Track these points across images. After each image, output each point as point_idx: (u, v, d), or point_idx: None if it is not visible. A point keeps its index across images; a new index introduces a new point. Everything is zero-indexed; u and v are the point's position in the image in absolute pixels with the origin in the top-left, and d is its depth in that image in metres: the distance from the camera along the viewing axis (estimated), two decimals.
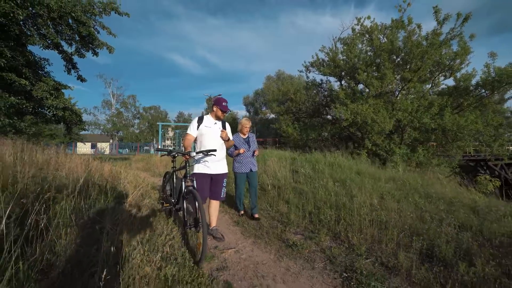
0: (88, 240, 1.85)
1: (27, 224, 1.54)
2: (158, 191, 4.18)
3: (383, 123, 8.96)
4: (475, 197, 3.42)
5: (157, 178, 6.59)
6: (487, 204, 2.89)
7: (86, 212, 2.25)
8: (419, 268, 1.98)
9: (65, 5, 4.36)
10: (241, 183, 3.36)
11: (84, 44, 5.81)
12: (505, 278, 1.78)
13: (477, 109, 11.20)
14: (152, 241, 2.10)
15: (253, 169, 3.32)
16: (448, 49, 10.32)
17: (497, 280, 1.76)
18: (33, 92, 4.48)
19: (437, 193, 3.40)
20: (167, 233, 2.38)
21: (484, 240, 2.19)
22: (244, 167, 3.29)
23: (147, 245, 1.98)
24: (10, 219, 1.40)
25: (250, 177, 3.33)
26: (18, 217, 1.56)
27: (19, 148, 3.01)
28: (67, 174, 2.79)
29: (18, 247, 1.29)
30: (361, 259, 2.20)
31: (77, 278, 1.42)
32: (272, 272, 2.12)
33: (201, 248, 1.98)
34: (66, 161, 3.60)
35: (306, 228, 2.91)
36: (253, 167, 3.32)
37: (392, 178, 4.40)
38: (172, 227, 2.57)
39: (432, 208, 2.95)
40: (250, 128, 3.42)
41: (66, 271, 1.40)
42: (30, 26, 4.63)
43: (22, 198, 1.75)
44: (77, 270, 1.49)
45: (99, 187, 2.88)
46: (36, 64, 5.35)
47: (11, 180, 2.16)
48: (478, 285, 1.73)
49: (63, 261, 1.52)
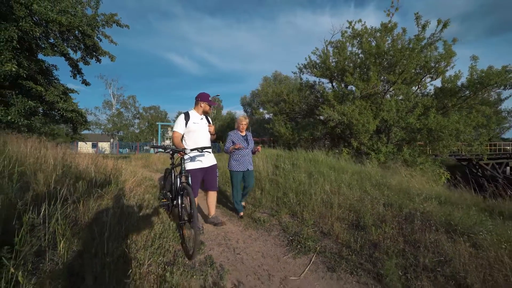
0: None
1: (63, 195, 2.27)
2: (157, 187, 4.86)
3: (368, 123, 9.63)
4: (420, 187, 4.12)
5: (154, 173, 7.30)
6: (419, 192, 3.58)
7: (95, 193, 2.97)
8: (345, 233, 2.69)
9: (74, 21, 5.10)
10: (237, 182, 3.23)
11: (88, 52, 6.58)
12: (401, 236, 2.48)
13: (462, 109, 11.84)
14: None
15: (250, 168, 3.26)
16: (431, 53, 10.96)
17: (395, 237, 2.46)
18: (46, 97, 5.23)
19: (387, 182, 4.11)
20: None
21: (398, 213, 2.90)
22: (241, 165, 3.21)
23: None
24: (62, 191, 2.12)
25: (246, 176, 3.27)
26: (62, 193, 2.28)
27: (41, 145, 3.74)
28: (81, 166, 3.53)
29: (57, 208, 2.00)
30: (307, 229, 2.91)
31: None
32: (237, 237, 2.84)
33: (192, 243, 2.05)
34: (77, 157, 4.34)
35: (272, 209, 3.63)
36: (250, 166, 3.27)
37: (358, 171, 5.10)
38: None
39: (376, 193, 3.65)
40: (247, 126, 3.36)
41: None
42: (43, 39, 5.39)
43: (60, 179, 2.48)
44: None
45: (105, 176, 3.61)
46: (47, 70, 6.12)
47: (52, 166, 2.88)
48: (382, 240, 2.43)
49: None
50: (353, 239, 2.56)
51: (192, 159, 2.73)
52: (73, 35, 5.88)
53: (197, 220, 2.12)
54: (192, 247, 2.07)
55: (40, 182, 2.49)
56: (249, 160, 3.28)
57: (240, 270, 2.15)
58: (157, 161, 9.76)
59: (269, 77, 31.43)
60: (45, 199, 1.96)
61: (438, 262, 2.02)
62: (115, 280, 1.55)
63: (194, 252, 2.01)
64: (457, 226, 2.33)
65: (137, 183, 3.87)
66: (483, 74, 10.78)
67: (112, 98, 34.30)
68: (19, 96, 4.66)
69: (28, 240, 1.50)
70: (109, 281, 1.51)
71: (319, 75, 13.41)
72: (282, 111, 15.26)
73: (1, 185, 1.97)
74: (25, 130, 5.49)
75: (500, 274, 1.77)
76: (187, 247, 2.23)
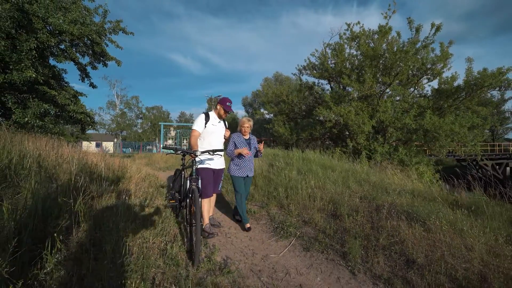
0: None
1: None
2: (163, 184, 5.31)
3: (363, 124, 10.00)
4: (401, 183, 4.50)
5: (156, 171, 7.78)
6: (396, 187, 3.98)
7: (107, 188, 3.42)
8: (323, 221, 3.10)
9: (84, 30, 5.60)
10: (240, 188, 3.04)
11: (96, 58, 7.09)
12: (369, 223, 2.88)
13: (459, 110, 12.11)
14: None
15: (250, 174, 3.11)
16: (428, 54, 11.26)
17: (364, 224, 2.87)
18: (58, 100, 5.74)
19: (370, 179, 4.50)
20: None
21: (371, 204, 3.30)
22: (241, 170, 3.04)
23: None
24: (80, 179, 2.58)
25: (245, 182, 3.12)
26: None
27: (57, 144, 4.23)
28: (92, 163, 4.00)
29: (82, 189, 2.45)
30: (291, 218, 3.33)
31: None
32: (229, 225, 3.27)
33: (195, 248, 2.03)
34: (87, 155, 4.82)
35: (263, 202, 4.06)
36: (250, 173, 3.11)
37: (347, 169, 5.49)
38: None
39: (357, 188, 4.05)
40: (250, 128, 3.12)
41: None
42: (56, 47, 5.91)
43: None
44: None
45: (114, 171, 4.08)
46: (58, 75, 6.65)
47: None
48: (352, 227, 2.84)
49: None
50: (329, 226, 2.98)
51: (203, 160, 2.72)
52: (83, 42, 6.40)
53: (200, 226, 2.09)
54: (194, 252, 2.05)
55: (60, 175, 2.95)
56: (250, 166, 3.10)
57: (229, 249, 2.59)
58: (159, 160, 10.26)
59: (270, 78, 31.96)
60: (70, 187, 2.43)
61: (394, 243, 2.42)
62: (127, 249, 1.99)
63: (196, 258, 1.99)
64: (415, 214, 2.73)
65: (142, 178, 4.33)
66: (478, 75, 11.06)
67: (116, 99, 35.06)
68: (35, 99, 5.18)
69: (62, 216, 1.95)
70: (123, 250, 1.95)
71: (318, 77, 13.80)
72: (282, 112, 15.68)
73: (36, 176, 2.42)
74: (38, 130, 6.00)
75: (439, 250, 2.17)
76: (190, 251, 2.20)
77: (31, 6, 4.80)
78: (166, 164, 9.34)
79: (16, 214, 1.74)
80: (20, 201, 1.95)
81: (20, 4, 4.64)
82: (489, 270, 1.90)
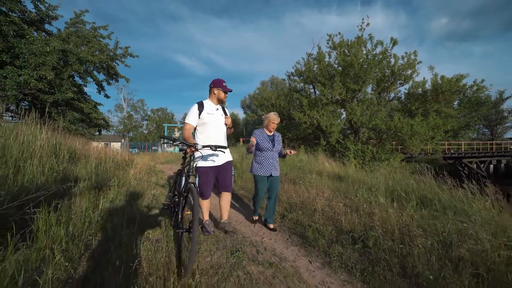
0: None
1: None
2: (163, 178, 7.52)
3: (332, 125, 11.96)
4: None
5: (158, 164, 10.04)
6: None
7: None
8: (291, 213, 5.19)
9: (102, 59, 7.92)
10: (260, 189, 2.99)
11: (110, 76, 9.45)
12: (332, 211, 4.94)
13: (427, 112, 13.81)
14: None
15: (274, 173, 2.99)
16: (397, 62, 13.00)
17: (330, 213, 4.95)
18: (85, 110, 8.08)
19: (341, 174, 6.53)
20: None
21: (340, 194, 5.35)
22: (263, 169, 2.94)
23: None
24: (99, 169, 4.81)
25: (270, 182, 3.02)
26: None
27: (90, 143, 6.51)
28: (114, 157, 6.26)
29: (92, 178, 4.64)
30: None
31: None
32: None
33: (188, 255, 1.71)
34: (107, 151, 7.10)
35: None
36: (274, 171, 2.99)
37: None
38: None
39: (329, 182, 6.07)
40: (277, 125, 3.05)
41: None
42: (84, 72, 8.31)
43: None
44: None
45: (126, 161, 6.30)
46: (83, 91, 9.06)
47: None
48: (318, 212, 4.89)
49: None
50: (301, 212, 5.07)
51: (204, 156, 2.51)
52: (101, 66, 8.76)
53: (197, 229, 1.80)
54: (185, 260, 1.79)
55: (92, 164, 5.17)
56: (274, 164, 2.99)
57: None
58: (161, 157, 12.61)
59: (266, 81, 34.12)
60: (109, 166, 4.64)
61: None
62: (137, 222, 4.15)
63: (188, 268, 1.67)
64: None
65: (143, 165, 6.56)
66: (440, 82, 12.78)
67: (123, 102, 38.05)
68: (70, 110, 7.51)
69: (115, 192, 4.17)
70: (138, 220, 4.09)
71: (303, 82, 15.81)
72: None
73: (93, 160, 4.63)
74: (73, 132, 8.37)
75: (357, 214, 4.10)
76: (180, 260, 1.89)
77: (68, 45, 7.10)
78: (166, 159, 11.63)
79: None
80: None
81: (61, 44, 6.93)
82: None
